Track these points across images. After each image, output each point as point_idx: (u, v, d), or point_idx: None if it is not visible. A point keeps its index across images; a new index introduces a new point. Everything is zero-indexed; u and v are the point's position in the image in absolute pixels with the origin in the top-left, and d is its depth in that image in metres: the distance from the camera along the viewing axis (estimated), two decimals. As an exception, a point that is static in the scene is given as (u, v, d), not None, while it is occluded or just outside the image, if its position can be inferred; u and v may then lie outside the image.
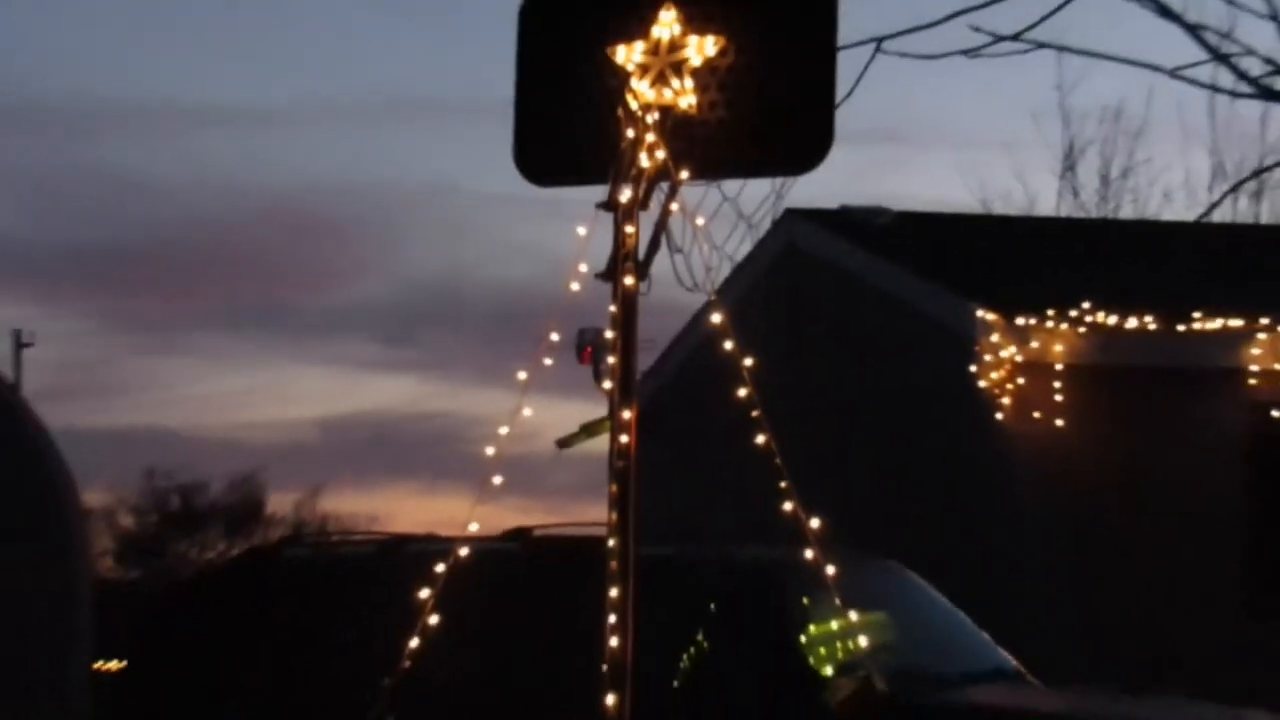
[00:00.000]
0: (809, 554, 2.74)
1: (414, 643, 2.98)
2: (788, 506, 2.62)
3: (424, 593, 2.95)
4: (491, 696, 4.41)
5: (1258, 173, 8.80)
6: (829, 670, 4.13)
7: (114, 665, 5.68)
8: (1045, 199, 13.73)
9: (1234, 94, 5.45)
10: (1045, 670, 4.81)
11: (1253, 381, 6.64)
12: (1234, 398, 6.65)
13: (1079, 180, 13.33)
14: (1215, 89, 5.18)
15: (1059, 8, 4.47)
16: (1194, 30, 5.05)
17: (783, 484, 2.61)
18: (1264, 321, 6.61)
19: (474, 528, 3.10)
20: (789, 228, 8.23)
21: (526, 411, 2.80)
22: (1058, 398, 6.55)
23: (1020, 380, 6.59)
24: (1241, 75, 5.24)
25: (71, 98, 34.57)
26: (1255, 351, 6.60)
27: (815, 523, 2.67)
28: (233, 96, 36.07)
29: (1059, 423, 6.50)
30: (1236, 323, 6.64)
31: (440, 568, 2.98)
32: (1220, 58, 5.09)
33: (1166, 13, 4.91)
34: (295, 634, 4.91)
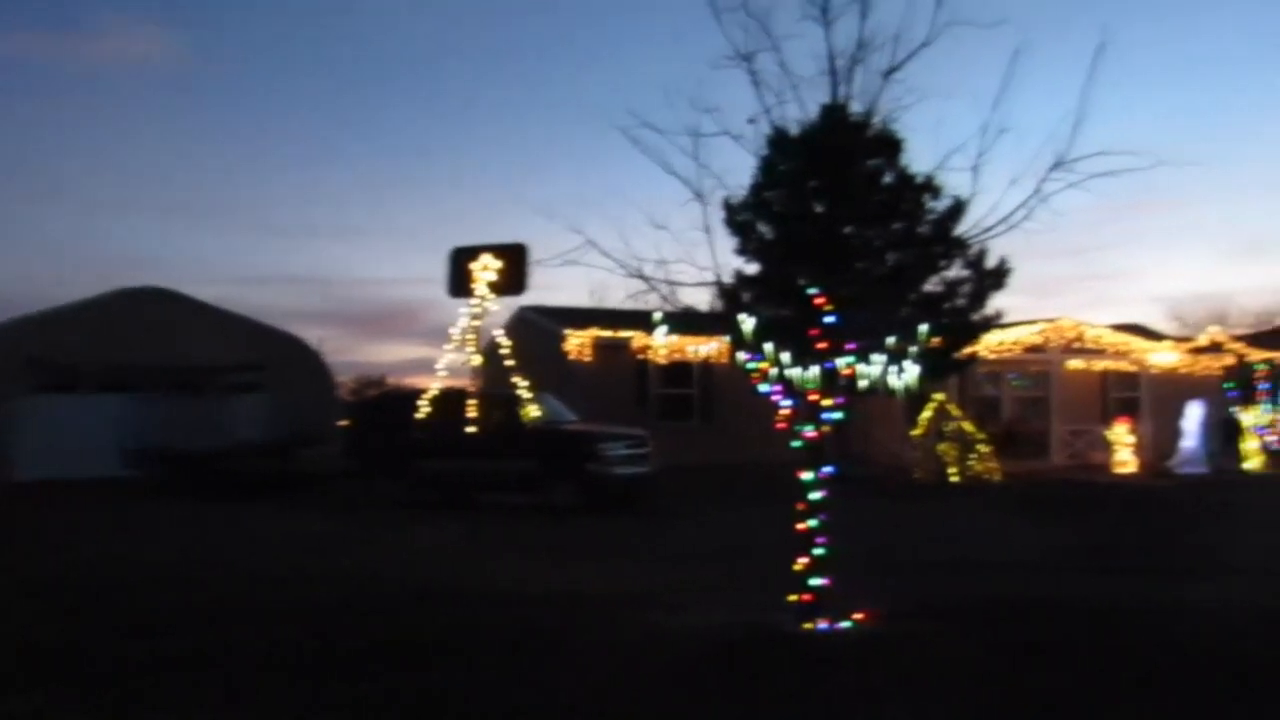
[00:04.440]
0: (524, 393, 15.99)
1: (421, 415, 16.01)
2: (520, 382, 15.71)
3: (424, 401, 15.89)
4: (450, 436, 16.48)
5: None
6: (528, 419, 16.39)
7: (345, 423, 17.17)
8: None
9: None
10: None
11: (634, 348, 23.30)
12: (629, 355, 23.33)
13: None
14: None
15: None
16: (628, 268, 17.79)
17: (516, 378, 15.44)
18: (639, 333, 22.91)
19: (436, 386, 15.62)
20: (521, 310, 24.28)
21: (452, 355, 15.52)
22: (586, 353, 22.94)
23: (576, 348, 23.02)
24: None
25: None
26: (635, 340, 23.10)
27: (524, 384, 15.19)
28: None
29: (587, 360, 22.56)
30: (630, 333, 22.94)
31: (428, 395, 16.60)
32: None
33: (623, 265, 17.53)
34: (393, 415, 17.75)
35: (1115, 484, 20.55)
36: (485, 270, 15.90)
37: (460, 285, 15.97)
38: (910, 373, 7.38)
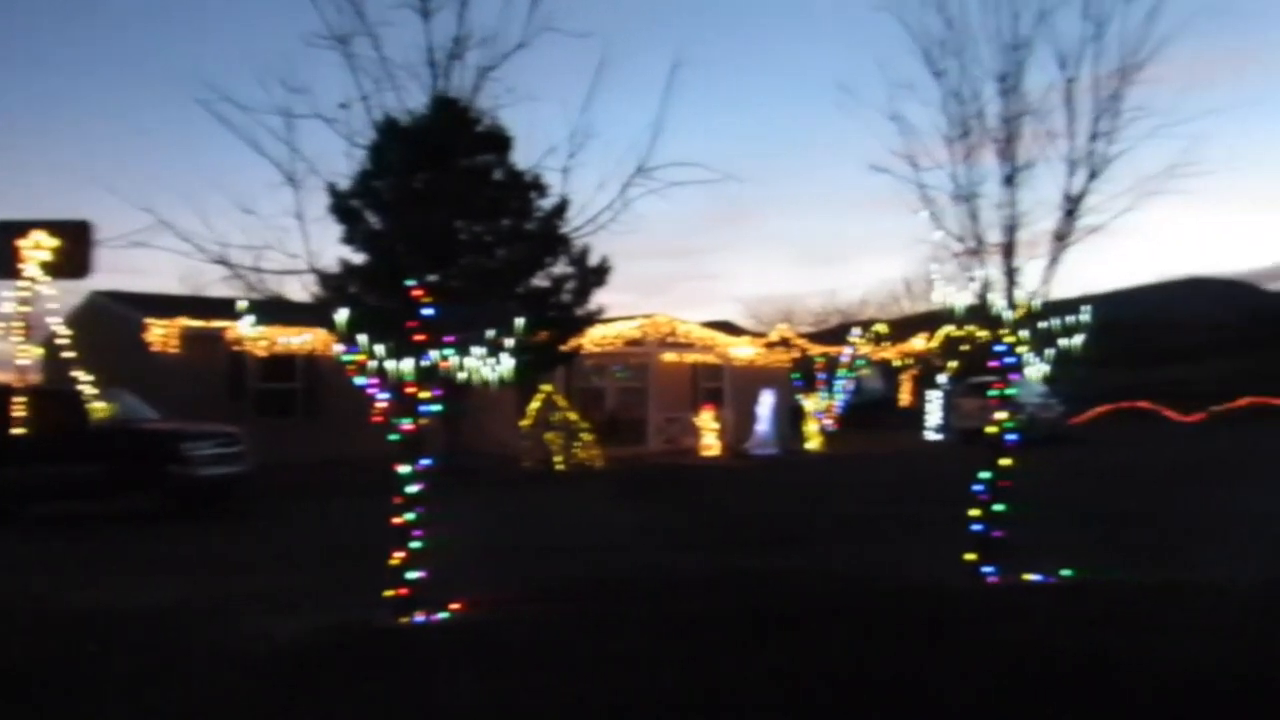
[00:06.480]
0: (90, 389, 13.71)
1: None
2: (86, 376, 13.37)
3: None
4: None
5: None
6: (96, 418, 14.56)
7: None
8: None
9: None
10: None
11: (229, 339, 21.13)
12: (224, 346, 21.39)
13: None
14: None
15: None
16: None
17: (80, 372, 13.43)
18: (234, 323, 19.91)
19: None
20: (94, 295, 21.90)
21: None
22: (173, 344, 20.81)
23: (160, 339, 20.96)
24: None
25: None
26: (230, 330, 20.80)
27: (89, 379, 13.40)
28: None
29: (173, 351, 20.65)
30: (224, 323, 20.61)
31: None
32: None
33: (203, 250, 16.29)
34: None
35: (700, 466, 22.52)
36: (38, 249, 13.71)
37: (6, 266, 13.63)
38: (507, 365, 7.52)
